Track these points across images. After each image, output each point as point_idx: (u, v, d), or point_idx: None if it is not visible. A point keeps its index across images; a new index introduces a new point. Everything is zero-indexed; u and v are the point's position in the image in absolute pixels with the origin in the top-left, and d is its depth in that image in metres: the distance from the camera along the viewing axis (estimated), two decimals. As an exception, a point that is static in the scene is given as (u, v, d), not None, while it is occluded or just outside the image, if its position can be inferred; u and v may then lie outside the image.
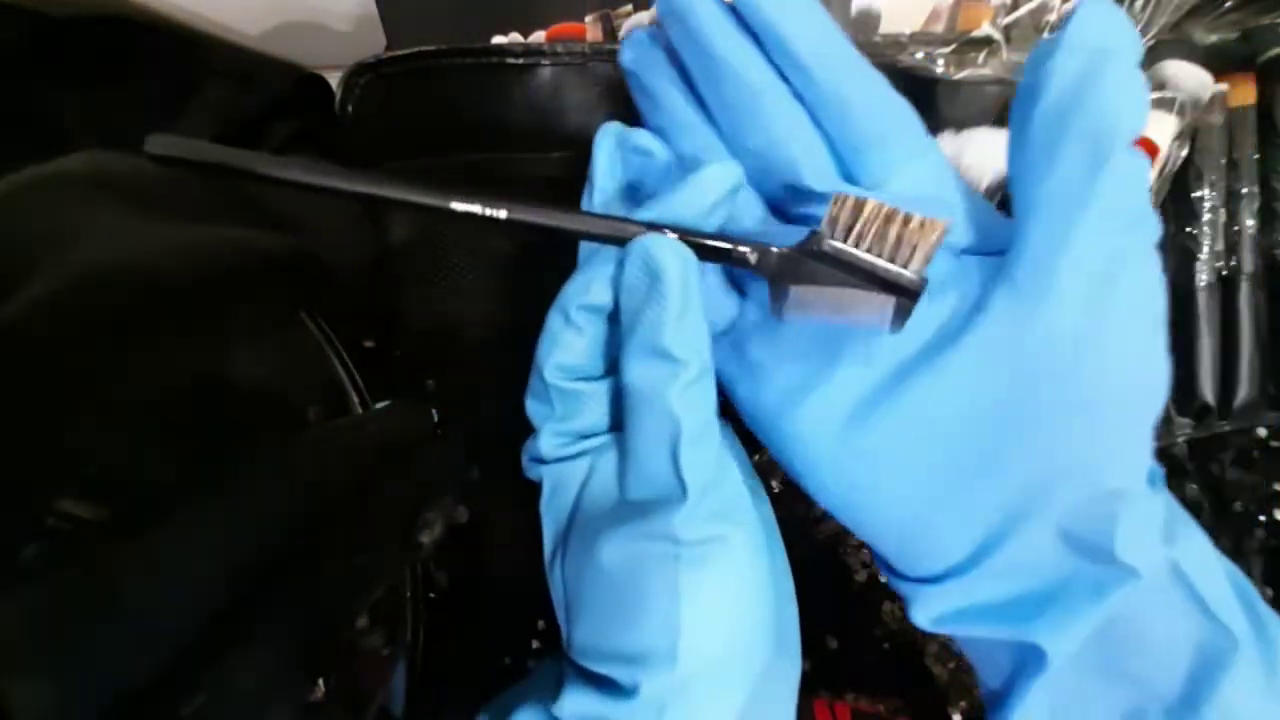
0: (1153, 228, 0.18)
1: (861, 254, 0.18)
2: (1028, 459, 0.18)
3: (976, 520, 0.19)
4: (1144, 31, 0.30)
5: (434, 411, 0.33)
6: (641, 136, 0.21)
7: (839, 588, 0.37)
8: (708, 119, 0.22)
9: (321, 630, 0.23)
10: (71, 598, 0.16)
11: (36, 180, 0.19)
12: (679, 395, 0.18)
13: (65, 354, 0.16)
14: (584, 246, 0.22)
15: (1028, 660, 0.19)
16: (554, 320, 0.20)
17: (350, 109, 0.31)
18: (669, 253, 0.18)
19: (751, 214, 0.21)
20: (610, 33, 0.33)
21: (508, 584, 0.36)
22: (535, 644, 0.37)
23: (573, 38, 0.33)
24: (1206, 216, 0.33)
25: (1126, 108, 0.17)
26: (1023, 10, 0.30)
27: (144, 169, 0.22)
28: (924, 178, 0.20)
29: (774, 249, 0.19)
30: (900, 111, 0.20)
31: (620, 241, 0.19)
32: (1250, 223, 0.33)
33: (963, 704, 0.38)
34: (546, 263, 0.32)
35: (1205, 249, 0.33)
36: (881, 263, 0.18)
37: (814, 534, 0.36)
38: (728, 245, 0.19)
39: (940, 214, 0.18)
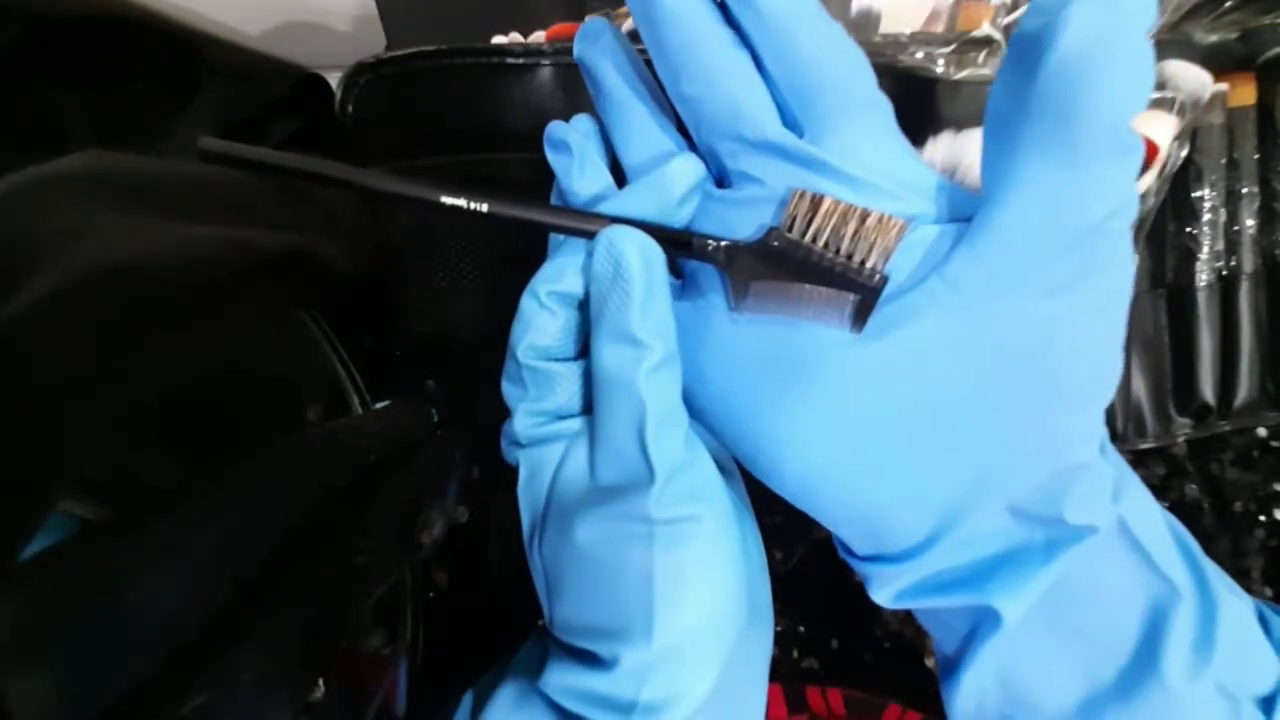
0: (1133, 210, 0.17)
1: (819, 251, 0.18)
2: (984, 443, 0.18)
3: (933, 503, 0.19)
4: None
5: (434, 411, 0.33)
6: (563, 130, 0.22)
7: (839, 587, 0.37)
8: (657, 110, 0.21)
9: (321, 630, 0.23)
10: (71, 598, 0.16)
11: (36, 180, 0.19)
12: (645, 379, 0.19)
13: (65, 354, 0.16)
14: (553, 236, 0.22)
15: (982, 622, 0.19)
16: (527, 303, 0.21)
17: (350, 109, 0.31)
18: (631, 243, 0.19)
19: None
20: (610, 33, 0.33)
21: (508, 584, 0.36)
22: (535, 644, 0.37)
23: (572, 38, 0.33)
24: (1206, 216, 0.33)
25: (1135, 84, 0.16)
26: (1023, 10, 0.30)
27: (144, 169, 0.22)
28: (872, 132, 0.19)
29: (731, 243, 0.19)
30: (853, 60, 0.19)
31: (587, 234, 0.20)
32: (1250, 223, 0.33)
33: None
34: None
35: (1205, 249, 0.33)
36: (840, 260, 0.18)
37: (814, 534, 0.36)
38: (687, 238, 0.19)
39: (890, 173, 0.18)
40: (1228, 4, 0.31)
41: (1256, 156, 0.33)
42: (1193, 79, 0.31)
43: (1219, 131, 0.32)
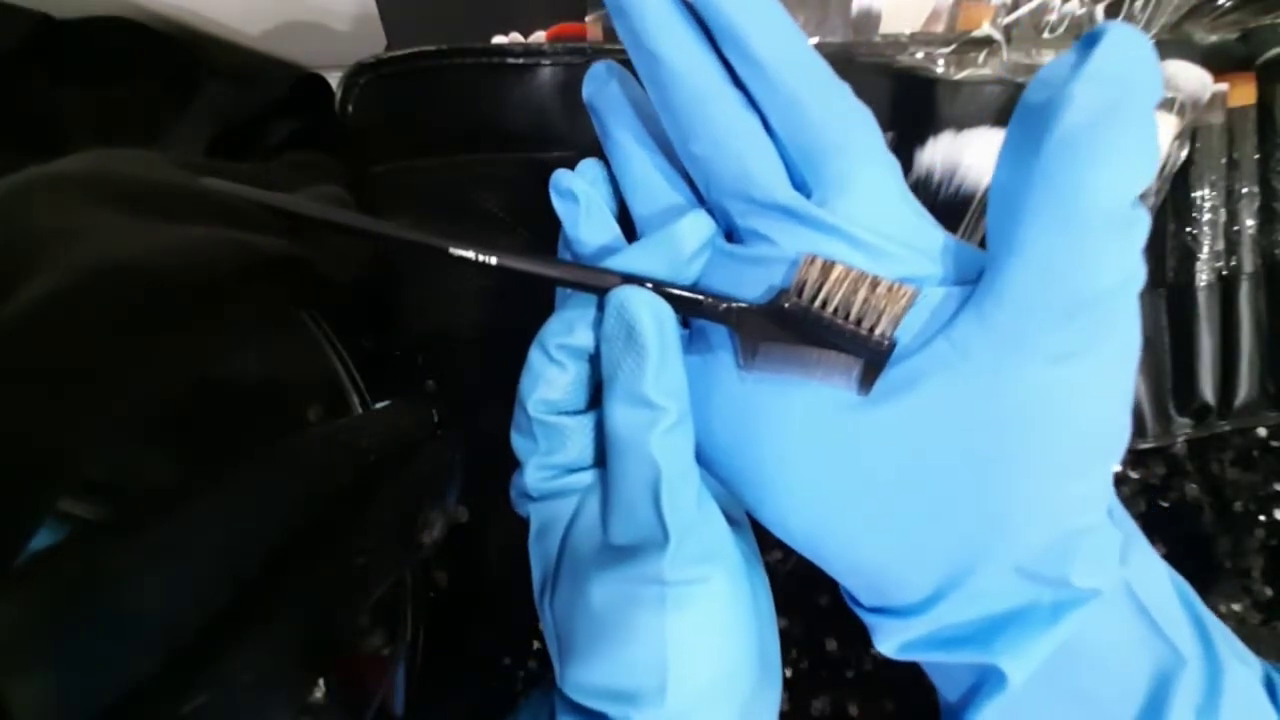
0: (1140, 279, 0.17)
1: (828, 316, 0.18)
2: (990, 505, 0.18)
3: (937, 562, 0.19)
4: (1144, 31, 0.30)
5: (434, 411, 0.33)
6: (567, 179, 0.21)
7: (837, 590, 0.37)
8: (665, 161, 0.21)
9: (321, 630, 0.23)
10: (71, 598, 0.16)
11: (36, 180, 0.19)
12: (658, 441, 0.19)
13: (65, 354, 0.16)
14: (560, 289, 0.22)
15: (986, 679, 0.19)
16: (535, 357, 0.21)
17: (350, 109, 0.31)
18: (644, 305, 0.18)
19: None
20: (610, 33, 0.33)
21: (508, 584, 0.36)
22: (536, 644, 0.37)
23: (573, 38, 0.33)
24: (1206, 216, 0.33)
25: (1142, 158, 0.16)
26: (1023, 10, 0.30)
27: (144, 169, 0.22)
28: (880, 194, 0.19)
29: (742, 305, 0.19)
30: (860, 121, 0.19)
31: (598, 290, 0.19)
32: (1250, 223, 0.33)
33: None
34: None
35: (1205, 249, 0.33)
36: (849, 326, 0.18)
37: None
38: (698, 298, 0.19)
39: (897, 236, 0.18)
40: (1228, 4, 0.31)
41: (1256, 156, 0.33)
42: (1193, 79, 0.31)
43: (1219, 131, 0.32)
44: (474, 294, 0.33)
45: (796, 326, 0.18)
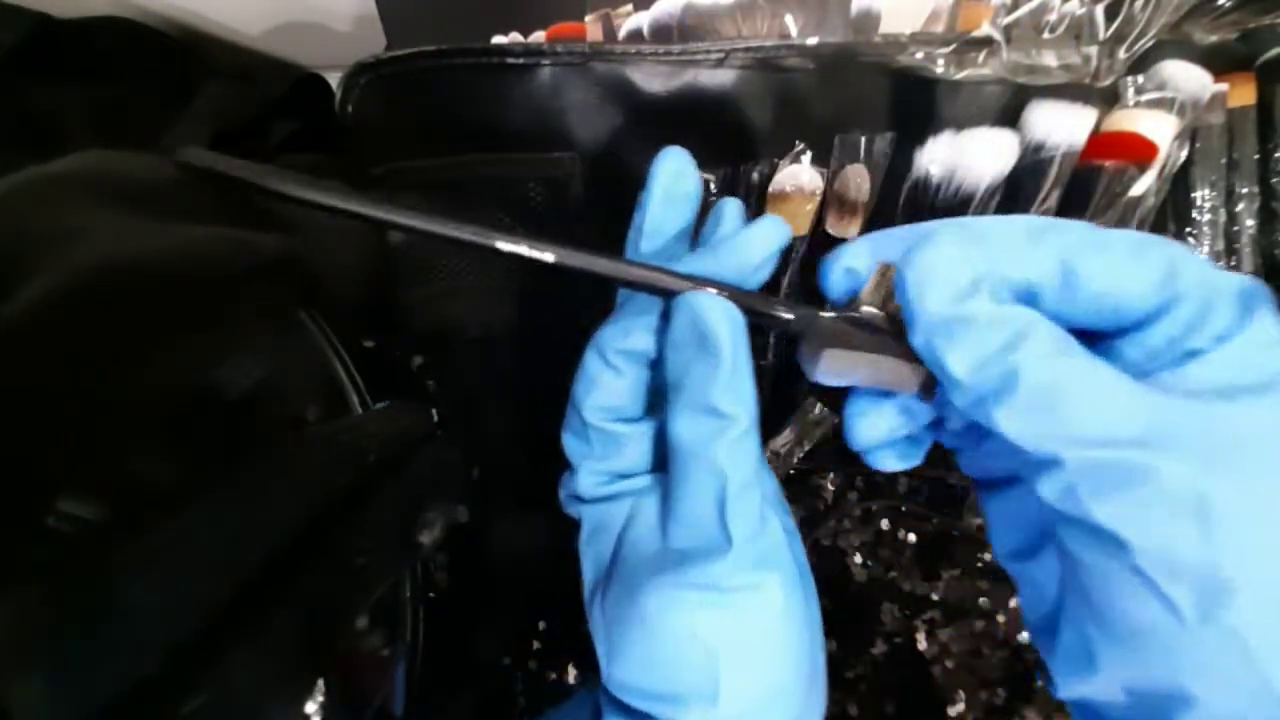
0: None
1: (898, 324, 0.18)
2: None
3: None
4: (1144, 31, 0.30)
5: (434, 411, 0.33)
6: (690, 181, 0.21)
7: (839, 588, 0.37)
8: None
9: (321, 630, 0.23)
10: (71, 598, 0.16)
11: (36, 180, 0.19)
12: (727, 450, 0.18)
13: (65, 354, 0.16)
14: (622, 290, 0.22)
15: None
16: (591, 361, 0.20)
17: (350, 109, 0.31)
18: (719, 313, 0.18)
19: None
20: (610, 33, 0.33)
21: (508, 584, 0.36)
22: (536, 644, 0.37)
23: (573, 38, 0.33)
24: (1206, 216, 0.33)
25: None
26: (1023, 10, 0.30)
27: (144, 169, 0.22)
28: None
29: (814, 312, 0.19)
30: None
31: (665, 293, 0.19)
32: (1250, 223, 0.33)
33: (960, 704, 0.38)
34: (545, 265, 0.33)
35: (1205, 249, 0.33)
36: None
37: (815, 534, 0.36)
38: (768, 306, 0.19)
39: None
40: (1228, 4, 0.31)
41: (1256, 156, 0.33)
42: (1193, 79, 0.31)
43: (1219, 131, 0.32)
44: (474, 294, 0.33)
45: (866, 333, 0.18)
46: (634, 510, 0.21)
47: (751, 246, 0.19)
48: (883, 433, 0.20)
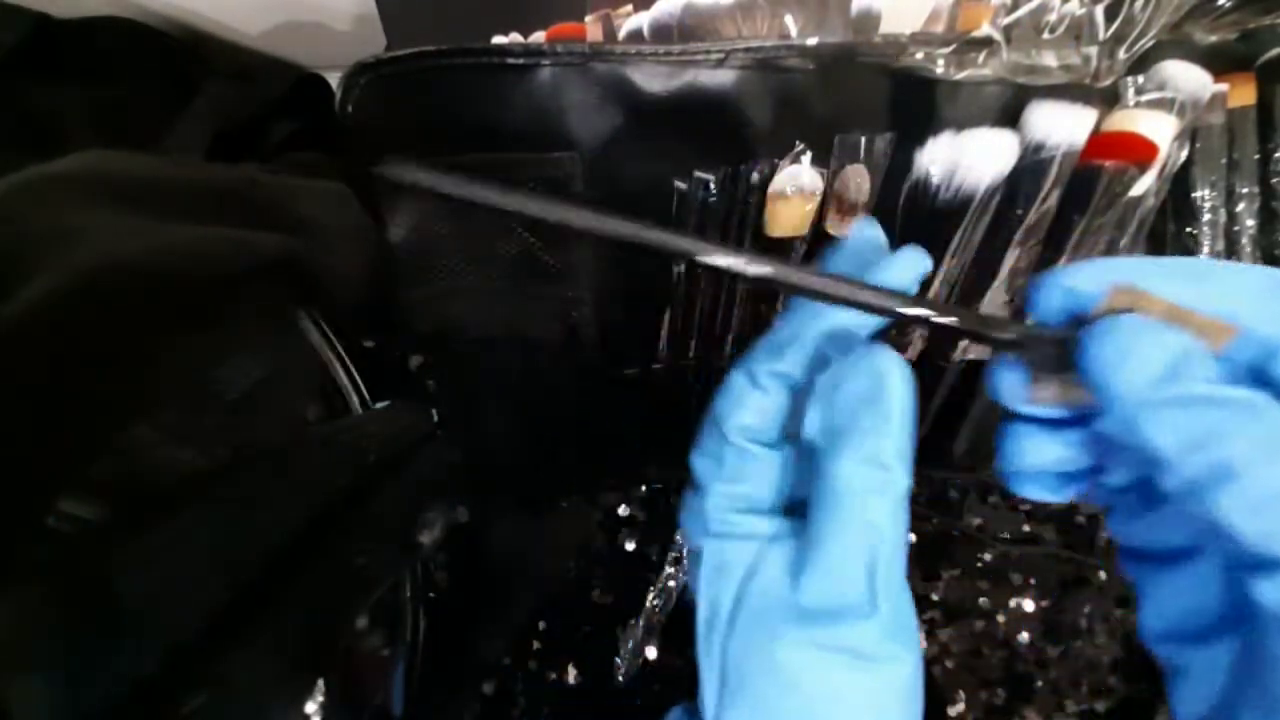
0: None
1: None
2: None
3: None
4: (1144, 32, 0.30)
5: (434, 411, 0.33)
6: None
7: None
8: None
9: (321, 630, 0.23)
10: (71, 598, 0.16)
11: (36, 180, 0.19)
12: (890, 509, 0.18)
13: (65, 354, 0.16)
14: (793, 304, 0.21)
15: None
16: (739, 380, 0.20)
17: (350, 109, 0.31)
18: (897, 366, 0.18)
19: None
20: (610, 33, 0.33)
21: (508, 584, 0.36)
22: (536, 644, 0.37)
23: (573, 38, 0.33)
24: (1206, 216, 0.33)
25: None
26: (1023, 10, 0.30)
27: (143, 169, 0.22)
28: None
29: (1044, 334, 0.18)
30: None
31: (882, 312, 0.18)
32: (1250, 223, 0.33)
33: (959, 704, 0.38)
34: (545, 265, 0.33)
35: (1205, 249, 0.33)
36: None
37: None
38: (988, 329, 0.18)
39: None
40: (1228, 4, 0.31)
41: (1256, 156, 0.33)
42: (1193, 79, 0.31)
43: (1219, 131, 0.32)
44: (474, 294, 0.33)
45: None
46: (760, 555, 0.20)
47: (897, 274, 0.19)
48: (1044, 462, 0.19)
